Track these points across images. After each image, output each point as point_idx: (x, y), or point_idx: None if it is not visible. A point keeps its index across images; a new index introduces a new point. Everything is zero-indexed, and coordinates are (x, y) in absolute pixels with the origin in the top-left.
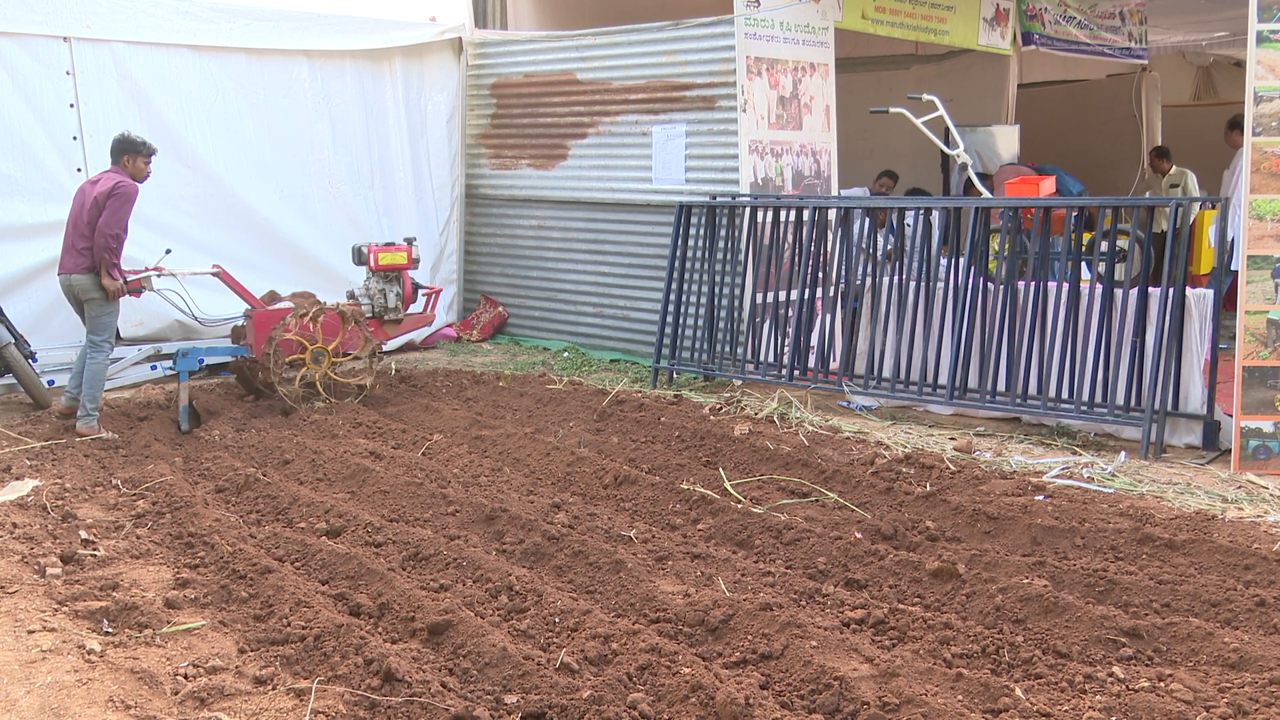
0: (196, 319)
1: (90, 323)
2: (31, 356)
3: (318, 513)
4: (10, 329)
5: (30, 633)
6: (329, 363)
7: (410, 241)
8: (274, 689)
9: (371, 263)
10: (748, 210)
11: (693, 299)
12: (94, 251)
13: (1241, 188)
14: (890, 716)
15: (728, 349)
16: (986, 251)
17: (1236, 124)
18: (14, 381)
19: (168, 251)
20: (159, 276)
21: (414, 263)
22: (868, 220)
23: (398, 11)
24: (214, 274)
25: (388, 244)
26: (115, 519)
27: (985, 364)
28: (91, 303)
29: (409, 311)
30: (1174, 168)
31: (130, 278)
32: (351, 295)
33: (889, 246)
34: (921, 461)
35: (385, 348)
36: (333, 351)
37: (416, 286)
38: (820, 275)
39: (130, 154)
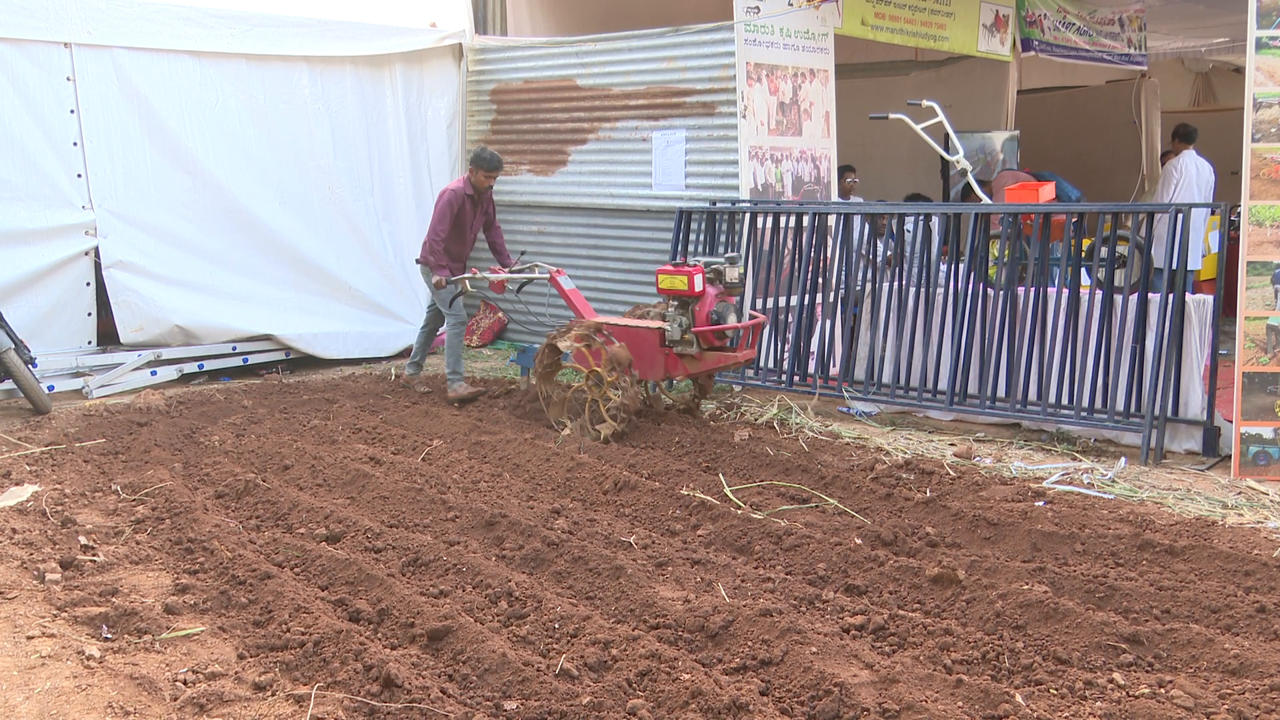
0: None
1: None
2: (31, 362)
3: (317, 518)
4: (10, 334)
5: (29, 638)
6: (606, 387)
7: (733, 260)
8: (273, 695)
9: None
10: (747, 216)
11: None
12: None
13: (1171, 196)
14: None
15: None
16: (986, 257)
17: (1177, 134)
18: (14, 387)
19: (522, 254)
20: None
21: (729, 289)
22: (867, 226)
23: (398, 17)
24: (546, 277)
25: (676, 264)
26: (115, 524)
27: (985, 370)
28: (431, 288)
29: (727, 347)
30: None
31: (453, 278)
32: (663, 316)
33: (889, 252)
34: (921, 467)
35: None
36: (605, 376)
37: (719, 317)
38: (820, 281)
39: (473, 167)
